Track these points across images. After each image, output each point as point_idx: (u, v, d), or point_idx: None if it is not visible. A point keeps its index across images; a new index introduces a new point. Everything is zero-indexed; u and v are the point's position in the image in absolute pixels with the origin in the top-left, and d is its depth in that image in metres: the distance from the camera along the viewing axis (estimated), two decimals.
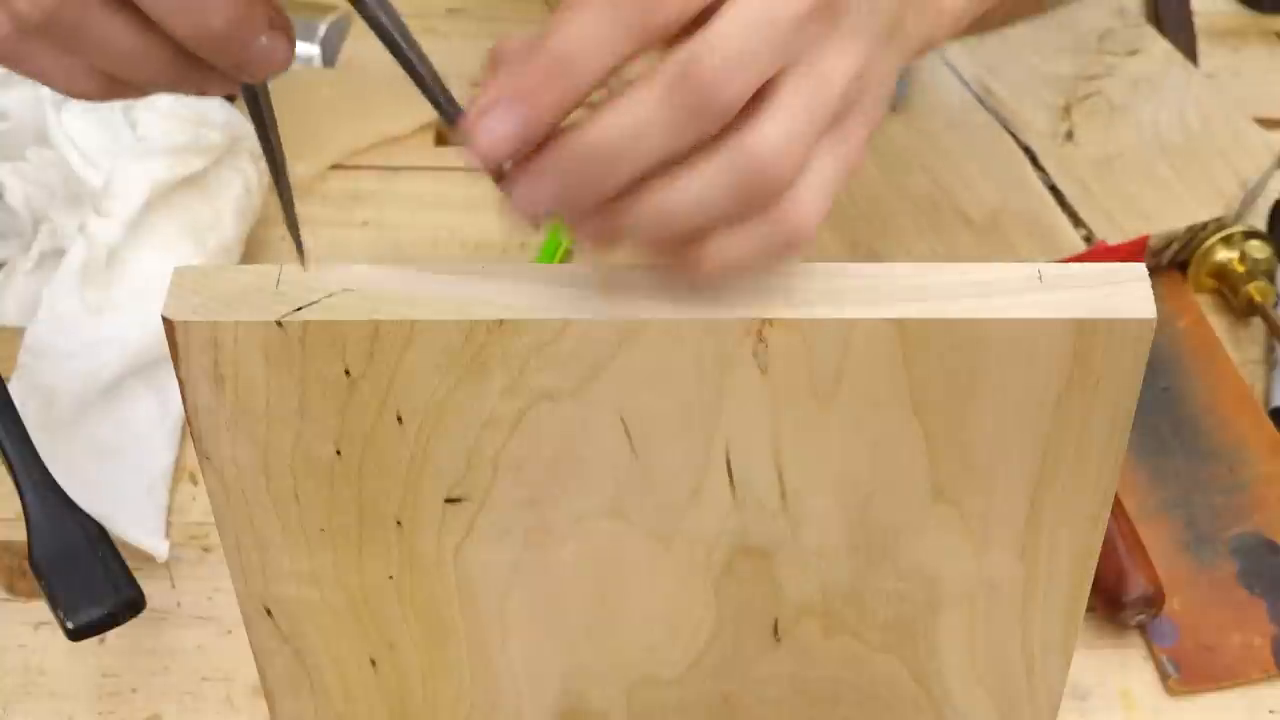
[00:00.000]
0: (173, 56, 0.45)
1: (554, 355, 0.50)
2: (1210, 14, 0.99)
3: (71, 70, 0.47)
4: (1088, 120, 0.86)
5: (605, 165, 0.45)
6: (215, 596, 0.72)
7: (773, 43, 0.45)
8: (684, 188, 0.46)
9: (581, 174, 0.45)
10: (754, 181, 0.45)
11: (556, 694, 0.62)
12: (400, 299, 0.49)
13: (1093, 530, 0.55)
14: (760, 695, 0.62)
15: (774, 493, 0.54)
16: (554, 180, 0.45)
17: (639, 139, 0.44)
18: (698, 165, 0.45)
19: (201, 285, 0.50)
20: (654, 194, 0.46)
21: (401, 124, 0.90)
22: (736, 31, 0.44)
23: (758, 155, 0.45)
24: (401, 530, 0.55)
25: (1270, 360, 0.81)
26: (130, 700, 0.69)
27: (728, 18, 0.44)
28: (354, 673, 0.61)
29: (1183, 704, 0.69)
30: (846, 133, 0.48)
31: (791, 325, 0.49)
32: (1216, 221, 0.82)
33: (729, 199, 0.46)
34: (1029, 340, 0.49)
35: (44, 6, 0.44)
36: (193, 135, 0.81)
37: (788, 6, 0.45)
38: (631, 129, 0.44)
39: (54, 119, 0.81)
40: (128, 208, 0.78)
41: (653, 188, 0.46)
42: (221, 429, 0.52)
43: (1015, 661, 0.60)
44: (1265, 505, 0.75)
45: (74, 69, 0.46)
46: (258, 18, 0.45)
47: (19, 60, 0.46)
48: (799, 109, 0.46)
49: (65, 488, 0.67)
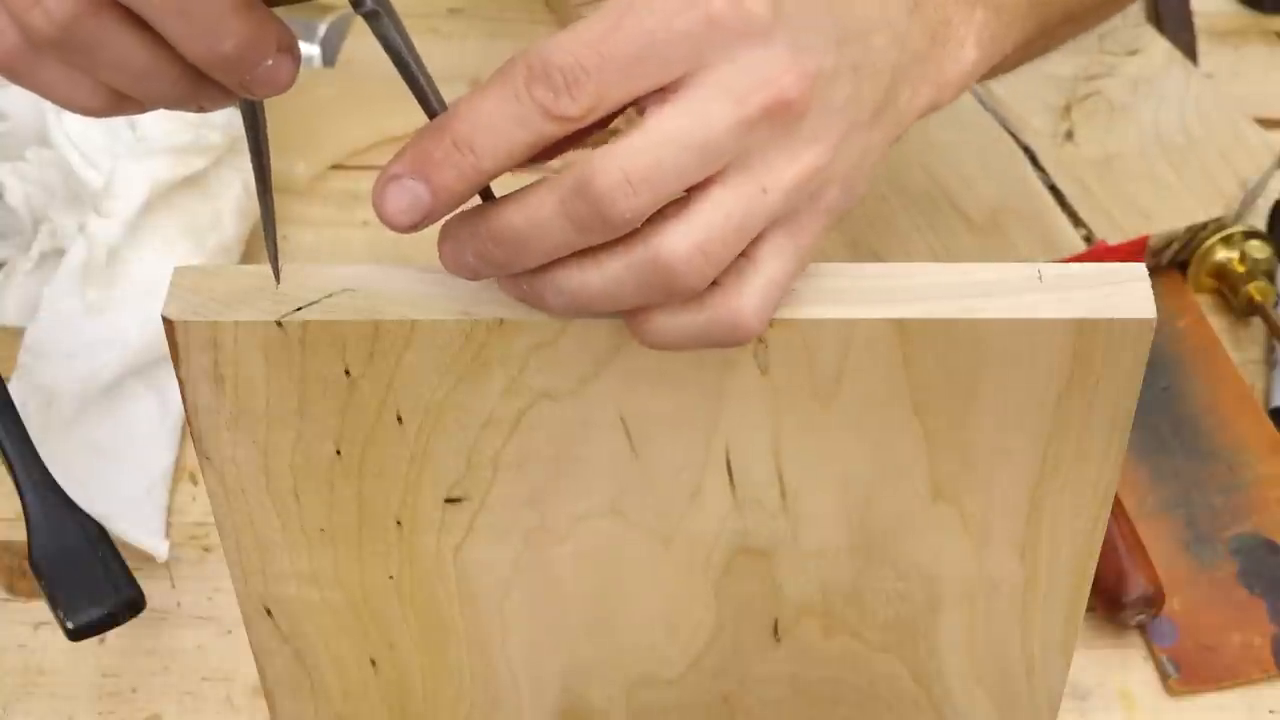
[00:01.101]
0: (180, 75, 0.46)
1: (554, 355, 0.50)
2: (1210, 14, 0.99)
3: (78, 86, 0.47)
4: (1088, 120, 0.86)
5: (510, 249, 0.46)
6: (215, 596, 0.72)
7: (688, 163, 0.45)
8: (594, 276, 0.46)
9: (490, 252, 0.46)
10: (662, 283, 0.46)
11: (556, 694, 0.62)
12: (400, 299, 0.49)
13: (1093, 530, 0.55)
14: (760, 695, 0.62)
15: (774, 493, 0.54)
16: (469, 251, 0.47)
17: (540, 234, 0.45)
18: (603, 261, 0.46)
19: (201, 285, 0.50)
20: (565, 277, 0.47)
21: (401, 124, 0.90)
22: (648, 148, 0.44)
23: (664, 262, 0.45)
24: (401, 530, 0.55)
25: (1270, 360, 0.81)
26: (130, 700, 0.69)
27: (644, 131, 0.45)
28: (354, 673, 0.61)
29: (1183, 704, 0.69)
30: (797, 230, 0.48)
31: (791, 325, 0.49)
32: (1216, 221, 0.82)
33: (639, 295, 0.46)
34: (1029, 340, 0.49)
35: (60, 23, 0.44)
36: (193, 135, 0.81)
37: (720, 120, 0.45)
38: (531, 224, 0.45)
39: (54, 119, 0.81)
40: (128, 208, 0.78)
41: (565, 271, 0.47)
42: (221, 429, 0.52)
43: (1015, 661, 0.60)
44: (1265, 505, 0.75)
45: (81, 85, 0.47)
46: (268, 40, 0.45)
47: (26, 75, 0.46)
48: (720, 219, 0.45)
49: (65, 488, 0.67)
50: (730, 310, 0.47)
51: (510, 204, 0.46)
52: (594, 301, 0.47)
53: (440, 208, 0.46)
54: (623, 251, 0.46)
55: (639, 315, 0.48)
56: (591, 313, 0.48)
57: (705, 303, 0.47)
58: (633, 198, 0.44)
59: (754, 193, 0.46)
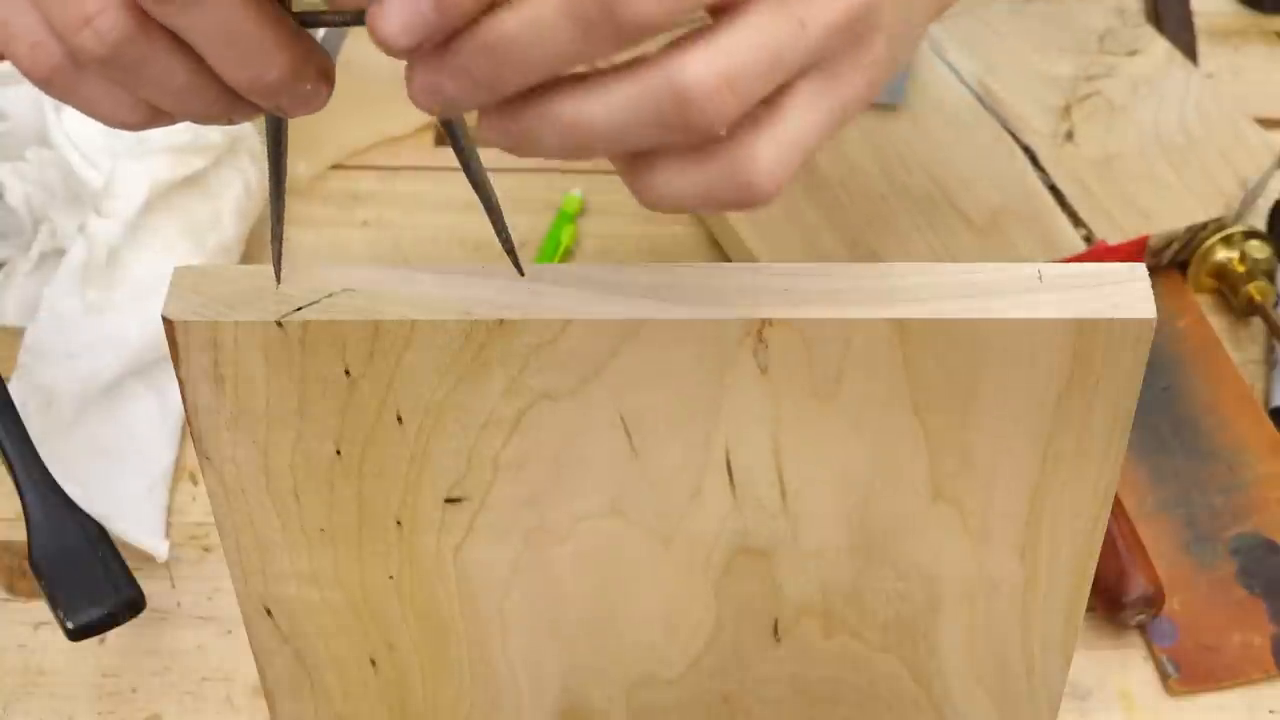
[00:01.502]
0: (219, 94, 0.46)
1: (554, 355, 0.50)
2: (1210, 14, 0.99)
3: (119, 102, 0.47)
4: (1088, 120, 0.86)
5: (500, 61, 0.40)
6: (215, 596, 0.72)
7: (775, 68, 0.41)
8: (595, 102, 0.41)
9: (475, 68, 0.41)
10: (678, 117, 0.40)
11: (556, 694, 0.62)
12: (400, 299, 0.49)
13: (1093, 530, 0.55)
14: (760, 695, 0.62)
15: (774, 493, 0.54)
16: (447, 72, 0.41)
17: (538, 39, 0.40)
18: (612, 82, 0.41)
19: (201, 285, 0.50)
20: (562, 101, 0.41)
21: (401, 124, 0.90)
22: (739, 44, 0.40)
23: (682, 89, 0.40)
24: (401, 530, 0.55)
25: (1270, 360, 0.81)
26: (130, 700, 0.69)
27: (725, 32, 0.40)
28: (354, 673, 0.61)
29: (1183, 704, 0.69)
30: (834, 82, 0.43)
31: (791, 325, 0.49)
32: (1216, 221, 0.82)
33: (648, 127, 0.41)
34: (1029, 340, 0.49)
35: (111, 43, 0.44)
36: (193, 135, 0.81)
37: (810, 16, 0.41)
38: (528, 27, 0.40)
39: (54, 119, 0.81)
40: (128, 208, 0.78)
41: (562, 94, 0.41)
42: (221, 429, 0.52)
43: (1015, 661, 0.60)
44: (1265, 505, 0.75)
45: (121, 101, 0.47)
46: (310, 68, 0.45)
47: (67, 91, 0.47)
48: (752, 48, 0.40)
49: (65, 488, 0.67)
50: (743, 163, 0.42)
51: (503, 8, 0.40)
52: (595, 137, 0.41)
53: (453, 20, 0.40)
54: (634, 75, 0.41)
55: (640, 165, 0.43)
56: (589, 153, 0.42)
57: (716, 152, 0.42)
58: (654, 5, 0.39)
59: (792, 25, 0.41)
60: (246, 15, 0.44)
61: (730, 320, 0.49)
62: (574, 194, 0.87)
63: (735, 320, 0.49)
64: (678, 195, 0.43)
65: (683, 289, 0.50)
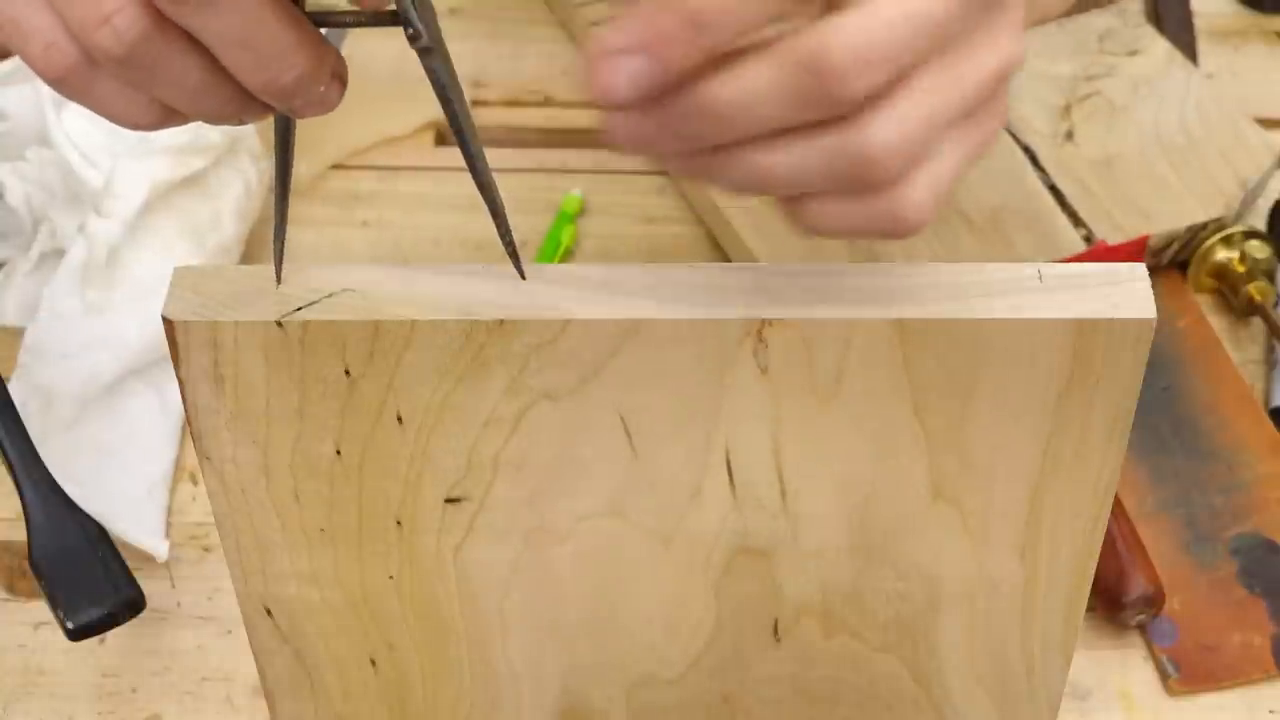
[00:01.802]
0: (233, 94, 0.46)
1: (554, 355, 0.50)
2: (1210, 14, 0.99)
3: (132, 102, 0.47)
4: (1088, 120, 0.86)
5: (711, 123, 0.44)
6: (215, 596, 0.72)
7: (913, 42, 0.43)
8: (785, 158, 0.44)
9: (685, 125, 0.44)
10: (859, 173, 0.44)
11: (556, 694, 0.62)
12: (400, 299, 0.49)
13: (1093, 530, 0.55)
14: (760, 695, 0.62)
15: (774, 493, 0.54)
16: (655, 122, 0.44)
17: (751, 109, 0.43)
18: (803, 141, 0.44)
19: (201, 285, 0.50)
20: (754, 154, 0.44)
21: (401, 124, 0.90)
22: (877, 26, 0.42)
23: (868, 150, 0.43)
24: (401, 530, 0.55)
25: (1270, 360, 0.81)
26: (130, 700, 0.69)
27: (871, 7, 0.42)
28: (354, 673, 0.61)
29: (1183, 704, 0.69)
30: (973, 127, 0.46)
31: (791, 325, 0.49)
32: (1216, 221, 0.82)
33: (828, 180, 0.44)
34: (1029, 340, 0.49)
35: (128, 43, 0.44)
36: (193, 135, 0.81)
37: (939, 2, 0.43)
38: (746, 99, 0.43)
39: (54, 119, 0.81)
40: (128, 208, 0.78)
41: (755, 148, 0.44)
42: (221, 429, 0.52)
43: (1015, 661, 0.60)
44: (1265, 505, 0.75)
45: (135, 101, 0.47)
46: (325, 70, 0.46)
47: (81, 91, 0.47)
48: (924, 109, 0.44)
49: (65, 488, 0.67)
50: (898, 206, 0.45)
51: (722, 78, 0.43)
52: (775, 183, 0.45)
53: (665, 84, 0.43)
54: (827, 133, 0.43)
55: (802, 199, 0.46)
56: (760, 192, 0.45)
57: (875, 197, 0.45)
58: (865, 75, 0.42)
59: (955, 82, 0.44)
60: (263, 16, 0.44)
61: (730, 320, 0.49)
62: (574, 194, 0.87)
63: (735, 320, 0.49)
64: (835, 226, 0.46)
65: (683, 289, 0.50)
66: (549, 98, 0.94)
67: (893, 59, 0.43)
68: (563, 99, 0.93)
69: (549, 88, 0.94)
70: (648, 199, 0.88)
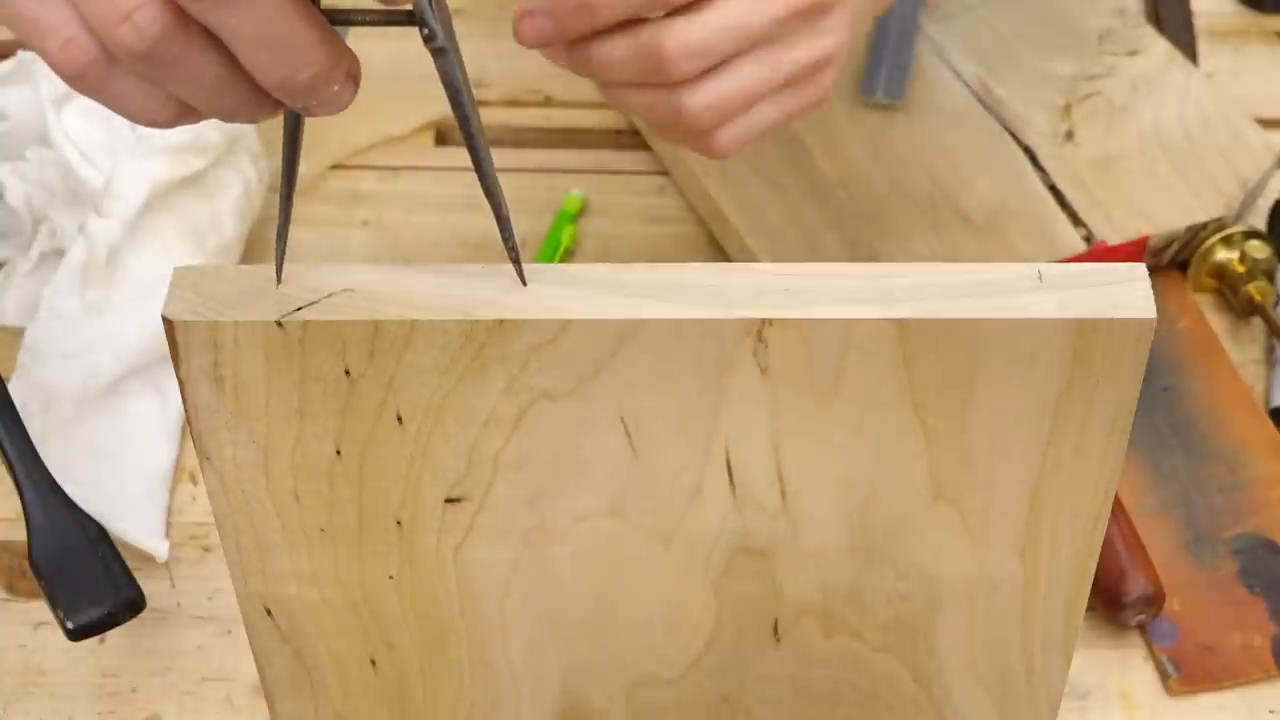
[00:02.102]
0: (249, 92, 0.47)
1: (554, 355, 0.50)
2: (1210, 14, 0.99)
3: (150, 99, 0.47)
4: (1088, 120, 0.86)
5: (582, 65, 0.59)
6: (215, 596, 0.72)
7: (736, 44, 0.58)
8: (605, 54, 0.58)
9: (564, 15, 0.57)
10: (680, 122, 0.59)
11: (556, 694, 0.62)
12: (400, 299, 0.49)
13: (1093, 530, 0.55)
14: (760, 695, 0.62)
15: (774, 493, 0.54)
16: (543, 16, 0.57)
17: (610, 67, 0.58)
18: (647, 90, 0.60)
19: (201, 285, 0.50)
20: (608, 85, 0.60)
21: (401, 124, 0.90)
22: (708, 29, 0.57)
23: (686, 107, 0.59)
24: (401, 530, 0.55)
25: (1270, 360, 0.81)
26: (130, 700, 0.69)
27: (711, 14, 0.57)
28: (354, 673, 0.61)
29: (1183, 704, 0.69)
30: (793, 96, 0.61)
31: (791, 325, 0.49)
32: (1216, 221, 0.82)
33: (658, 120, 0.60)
34: (1029, 340, 0.49)
35: (149, 39, 0.44)
36: (193, 135, 0.81)
37: (770, 8, 0.57)
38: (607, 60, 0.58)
39: (54, 119, 0.81)
40: (128, 208, 0.78)
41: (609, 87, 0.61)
42: (221, 429, 0.52)
43: (1015, 661, 0.60)
44: (1265, 505, 0.75)
45: (153, 98, 0.47)
46: (340, 69, 0.47)
47: (99, 87, 0.47)
48: (738, 84, 0.59)
49: (65, 488, 0.67)
50: (711, 139, 0.60)
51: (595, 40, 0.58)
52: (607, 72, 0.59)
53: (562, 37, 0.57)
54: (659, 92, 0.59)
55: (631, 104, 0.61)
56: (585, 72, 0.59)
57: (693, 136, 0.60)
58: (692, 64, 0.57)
59: (772, 68, 0.59)
60: (283, 14, 0.44)
61: (730, 320, 0.49)
62: (574, 194, 0.87)
63: (735, 320, 0.49)
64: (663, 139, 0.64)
65: (683, 289, 0.50)
66: (549, 98, 0.94)
67: (718, 53, 0.58)
68: (563, 99, 0.93)
69: (549, 88, 0.94)
70: (648, 199, 0.88)
